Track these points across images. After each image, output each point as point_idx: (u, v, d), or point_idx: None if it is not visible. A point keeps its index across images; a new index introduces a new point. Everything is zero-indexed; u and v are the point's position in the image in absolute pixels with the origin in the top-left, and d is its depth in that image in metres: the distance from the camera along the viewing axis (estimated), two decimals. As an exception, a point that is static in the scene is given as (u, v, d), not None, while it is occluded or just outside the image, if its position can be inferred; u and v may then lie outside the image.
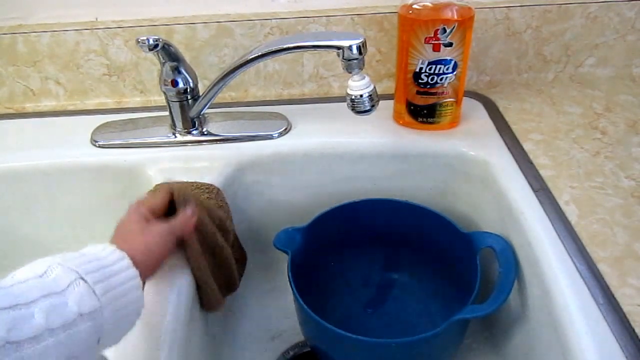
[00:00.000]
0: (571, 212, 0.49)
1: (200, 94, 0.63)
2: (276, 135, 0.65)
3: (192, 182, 0.56)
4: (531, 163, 0.57)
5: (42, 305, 0.29)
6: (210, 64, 0.72)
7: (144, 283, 0.38)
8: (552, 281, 0.44)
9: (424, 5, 0.58)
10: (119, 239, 0.40)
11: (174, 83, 0.61)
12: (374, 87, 0.55)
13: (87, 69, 0.72)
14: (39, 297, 0.29)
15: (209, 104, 0.62)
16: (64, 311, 0.30)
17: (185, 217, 0.46)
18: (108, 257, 0.35)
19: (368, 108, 0.55)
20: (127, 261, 0.36)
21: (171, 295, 0.46)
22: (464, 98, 0.65)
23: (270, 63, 0.73)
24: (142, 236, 0.40)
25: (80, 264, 0.33)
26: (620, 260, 0.44)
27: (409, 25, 0.58)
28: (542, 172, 0.55)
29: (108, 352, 0.42)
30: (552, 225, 0.48)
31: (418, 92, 0.62)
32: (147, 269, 0.39)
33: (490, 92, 0.73)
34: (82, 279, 0.32)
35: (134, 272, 0.36)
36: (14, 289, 0.29)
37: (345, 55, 0.52)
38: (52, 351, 0.28)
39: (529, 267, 0.49)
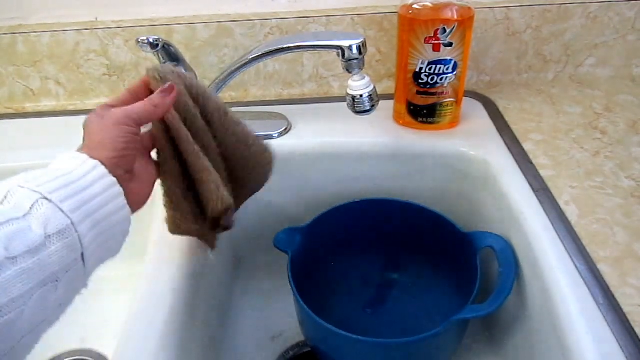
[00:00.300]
0: (571, 212, 0.49)
1: (200, 94, 0.63)
2: (276, 135, 0.65)
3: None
4: (531, 163, 0.57)
5: (1, 234, 0.27)
6: (210, 64, 0.72)
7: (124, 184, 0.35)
8: (552, 281, 0.44)
9: (424, 5, 0.58)
10: (84, 147, 0.36)
11: (174, 83, 0.61)
12: (374, 87, 0.55)
13: (87, 69, 0.72)
14: None
15: (209, 104, 0.62)
16: (27, 236, 0.28)
17: (151, 99, 0.38)
18: (78, 170, 0.33)
19: (368, 108, 0.55)
20: (101, 169, 0.33)
21: (170, 295, 0.46)
22: (464, 98, 0.65)
23: (270, 63, 0.73)
24: (99, 133, 0.36)
25: (45, 182, 0.31)
26: (620, 260, 0.44)
27: (409, 25, 0.58)
28: (542, 172, 0.55)
29: (108, 353, 0.42)
30: (552, 225, 0.48)
31: (418, 92, 0.62)
32: (117, 165, 0.35)
33: (490, 92, 0.73)
34: (46, 198, 0.30)
35: (110, 180, 0.33)
36: None
37: (346, 55, 0.52)
38: (17, 280, 0.27)
39: (529, 267, 0.49)
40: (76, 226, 0.30)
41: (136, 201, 0.37)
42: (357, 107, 0.55)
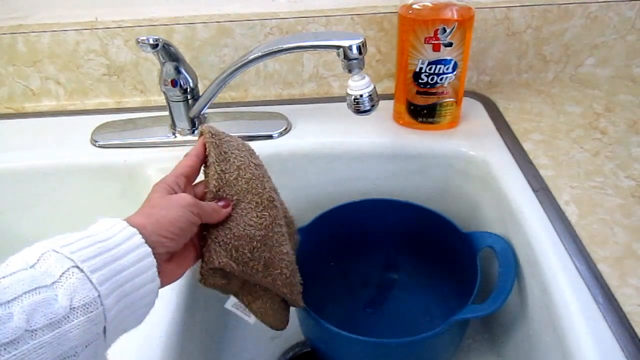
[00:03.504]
0: (571, 212, 0.49)
1: (200, 94, 0.63)
2: (276, 135, 0.65)
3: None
4: (531, 163, 0.57)
5: (25, 303, 0.26)
6: (210, 64, 0.72)
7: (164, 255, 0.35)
8: (552, 281, 0.44)
9: (424, 5, 0.58)
10: (136, 214, 0.36)
11: (174, 83, 0.61)
12: (374, 87, 0.55)
13: (87, 69, 0.72)
14: (23, 293, 0.26)
15: (209, 104, 0.62)
16: (51, 308, 0.27)
17: (216, 208, 0.41)
18: (115, 237, 0.32)
19: (368, 108, 0.55)
20: (137, 239, 0.32)
21: (171, 295, 0.46)
22: (464, 98, 0.65)
23: (270, 63, 0.73)
24: (161, 210, 0.36)
25: (79, 248, 0.30)
26: (620, 260, 0.44)
27: (409, 25, 0.58)
28: (542, 172, 0.55)
29: (108, 353, 0.42)
30: (552, 225, 0.48)
31: (418, 92, 0.62)
32: (164, 245, 0.35)
33: (490, 92, 0.73)
34: (78, 267, 0.29)
35: (145, 250, 0.33)
36: None
37: (345, 55, 0.52)
38: (34, 355, 0.26)
39: (529, 267, 0.49)
40: (102, 299, 0.29)
41: (166, 280, 0.36)
42: (357, 107, 0.55)
